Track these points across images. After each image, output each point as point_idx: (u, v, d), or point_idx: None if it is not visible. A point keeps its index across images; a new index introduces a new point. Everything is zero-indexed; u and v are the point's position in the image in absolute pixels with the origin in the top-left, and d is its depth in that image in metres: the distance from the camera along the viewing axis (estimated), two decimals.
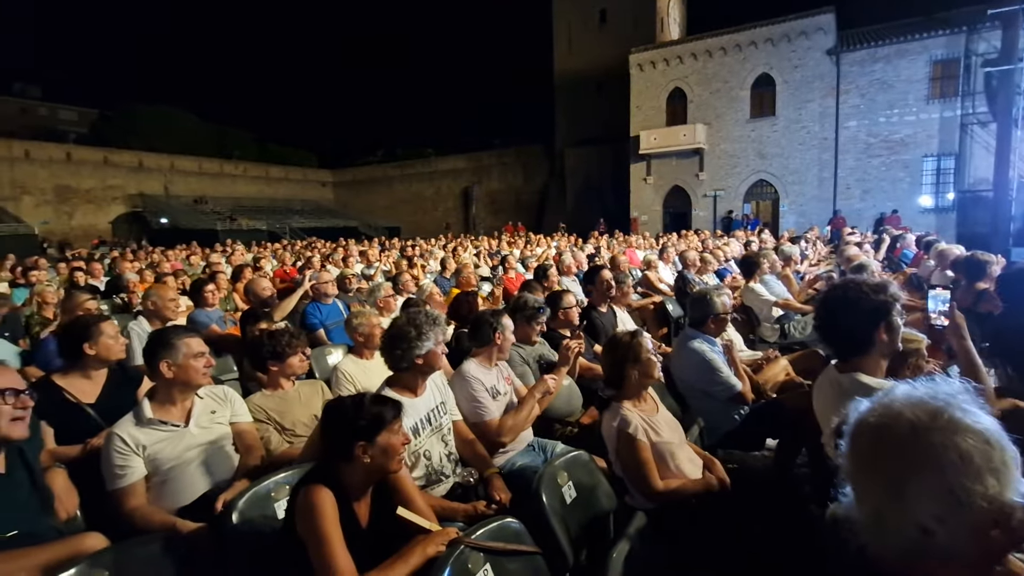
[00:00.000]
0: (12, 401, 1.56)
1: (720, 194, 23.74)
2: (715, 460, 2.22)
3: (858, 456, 0.78)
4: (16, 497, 1.60)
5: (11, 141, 28.13)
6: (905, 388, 0.80)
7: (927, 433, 0.72)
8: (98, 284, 6.96)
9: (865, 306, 1.64)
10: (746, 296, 5.19)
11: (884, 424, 0.76)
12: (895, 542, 0.74)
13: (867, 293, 1.65)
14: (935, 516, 0.70)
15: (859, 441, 0.78)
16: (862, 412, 0.80)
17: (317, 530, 1.44)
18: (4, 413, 1.54)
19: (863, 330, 1.66)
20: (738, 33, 22.70)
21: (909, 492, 0.71)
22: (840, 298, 1.71)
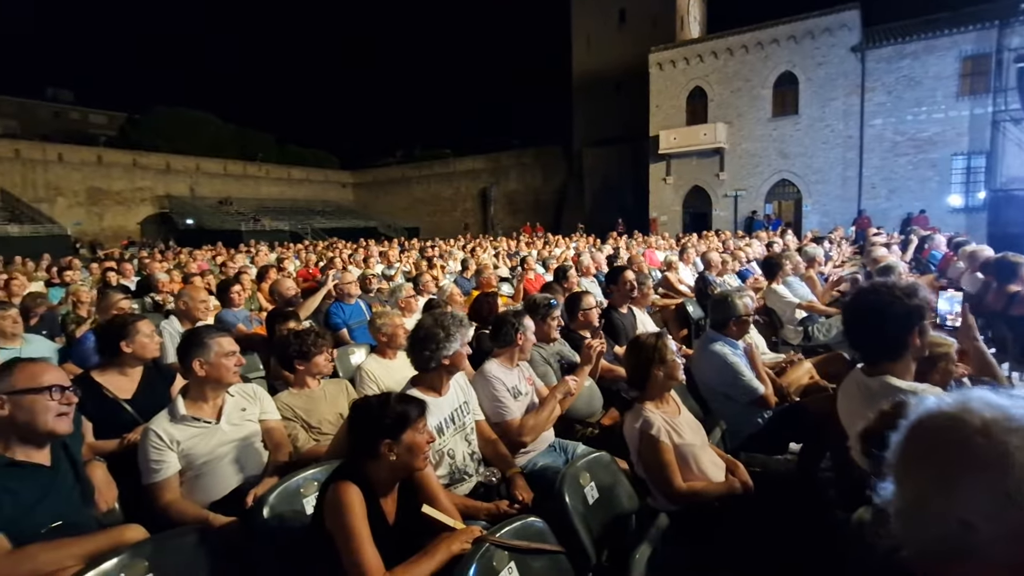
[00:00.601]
0: (58, 397, 1.64)
1: (741, 194, 23.43)
2: (738, 463, 2.21)
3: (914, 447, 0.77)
4: (61, 489, 1.67)
5: (45, 144, 29.21)
6: (983, 391, 0.79)
7: (1003, 433, 0.71)
8: (129, 284, 7.16)
9: (899, 310, 1.62)
10: (769, 298, 5.13)
11: (956, 418, 0.75)
12: (932, 534, 0.73)
13: (900, 297, 1.63)
14: (984, 514, 0.69)
15: (919, 433, 0.77)
16: (930, 405, 0.79)
17: (346, 526, 1.48)
18: (50, 409, 1.62)
19: (896, 334, 1.64)
20: (760, 31, 22.37)
21: (961, 486, 0.70)
22: (872, 302, 1.68)
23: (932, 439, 0.75)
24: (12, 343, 3.45)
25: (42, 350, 3.64)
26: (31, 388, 1.60)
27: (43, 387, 1.61)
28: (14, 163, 26.91)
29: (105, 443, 2.33)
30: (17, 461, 1.60)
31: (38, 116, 45.23)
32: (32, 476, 1.61)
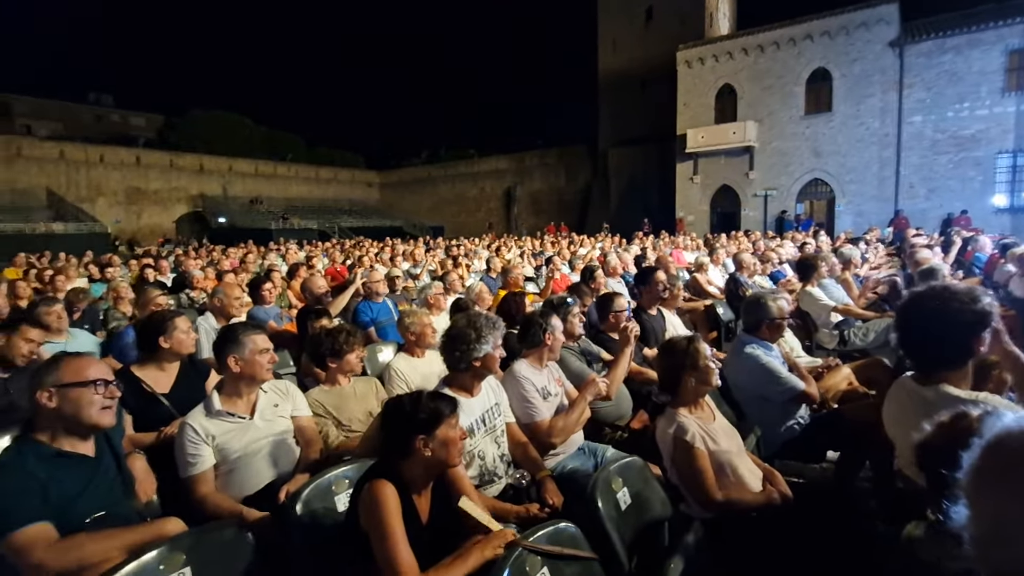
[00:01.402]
0: (102, 391, 1.68)
1: (772, 194, 22.89)
2: (776, 473, 2.14)
3: (995, 468, 0.71)
4: (104, 480, 1.72)
5: (88, 146, 30.40)
6: None
7: None
8: (165, 280, 7.38)
9: (965, 317, 1.53)
10: (803, 300, 4.98)
11: None
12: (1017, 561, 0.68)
13: (965, 302, 1.54)
14: None
15: (1000, 452, 0.71)
16: (1010, 423, 0.73)
17: (381, 524, 1.48)
18: (95, 402, 1.66)
19: (959, 342, 1.55)
20: (792, 26, 21.83)
21: None
22: (933, 307, 1.59)
23: (1016, 459, 0.69)
24: (58, 337, 3.58)
25: (85, 344, 3.77)
26: (77, 382, 1.65)
27: (88, 381, 1.66)
28: (59, 164, 28.09)
29: (144, 436, 2.39)
30: (64, 452, 1.64)
31: (81, 119, 47.02)
32: (77, 467, 1.66)
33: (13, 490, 1.49)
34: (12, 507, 1.46)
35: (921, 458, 1.15)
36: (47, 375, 1.65)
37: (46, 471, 1.56)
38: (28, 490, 1.50)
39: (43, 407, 1.63)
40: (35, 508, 1.49)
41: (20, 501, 1.48)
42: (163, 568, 1.47)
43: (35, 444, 1.62)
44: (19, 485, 1.50)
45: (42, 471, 1.55)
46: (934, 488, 1.10)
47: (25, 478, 1.52)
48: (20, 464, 1.55)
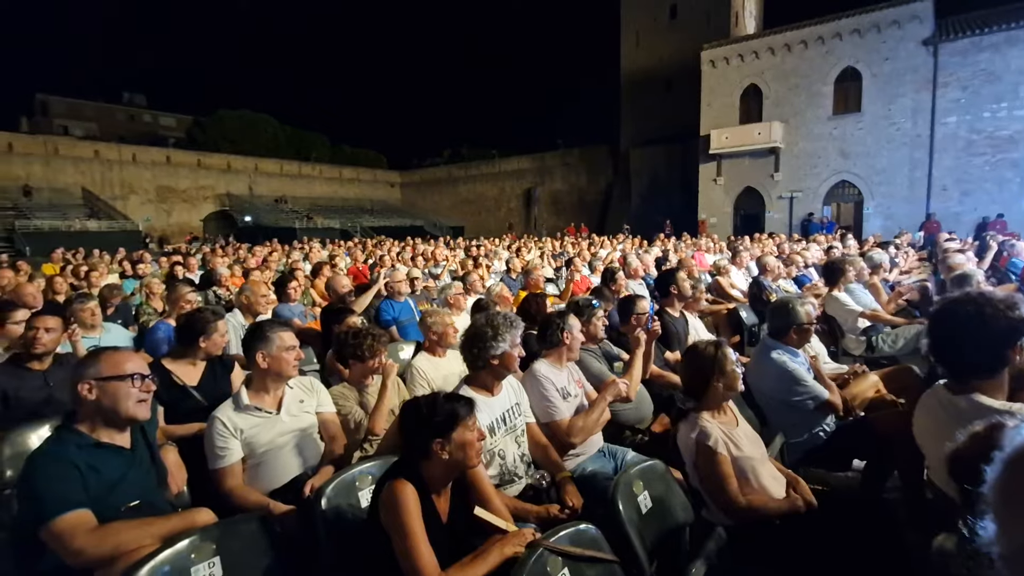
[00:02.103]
0: (139, 385, 1.74)
1: (797, 196, 22.47)
2: (799, 479, 2.11)
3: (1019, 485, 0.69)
4: (139, 471, 1.78)
5: (121, 146, 31.43)
6: None
7: None
8: (193, 277, 7.56)
9: (1000, 324, 1.49)
10: (829, 305, 4.88)
11: None
12: None
13: (1000, 309, 1.50)
14: None
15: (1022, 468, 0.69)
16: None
17: (401, 524, 1.50)
18: (132, 395, 1.72)
19: (994, 350, 1.51)
20: (821, 25, 21.38)
21: None
22: (968, 314, 1.55)
23: None
24: (93, 333, 3.71)
25: (119, 338, 3.90)
26: (115, 375, 1.71)
27: (126, 375, 1.72)
28: (93, 163, 29.03)
29: (176, 427, 2.47)
30: (102, 443, 1.70)
31: (115, 119, 48.57)
32: (114, 457, 1.72)
33: (55, 478, 1.55)
34: (54, 494, 1.53)
35: (953, 469, 1.12)
36: (88, 368, 1.71)
37: (86, 460, 1.62)
38: (69, 478, 1.56)
39: (83, 399, 1.69)
40: (76, 496, 1.55)
41: (62, 489, 1.54)
42: (194, 557, 1.52)
43: (75, 434, 1.68)
44: (61, 473, 1.56)
45: (82, 460, 1.62)
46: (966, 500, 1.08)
47: (67, 467, 1.58)
48: (62, 453, 1.61)
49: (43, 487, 1.54)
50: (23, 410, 2.66)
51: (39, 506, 1.52)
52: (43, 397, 2.72)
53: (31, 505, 1.55)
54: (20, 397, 2.68)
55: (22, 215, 22.86)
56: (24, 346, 2.77)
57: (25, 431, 2.34)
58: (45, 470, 1.56)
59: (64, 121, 44.23)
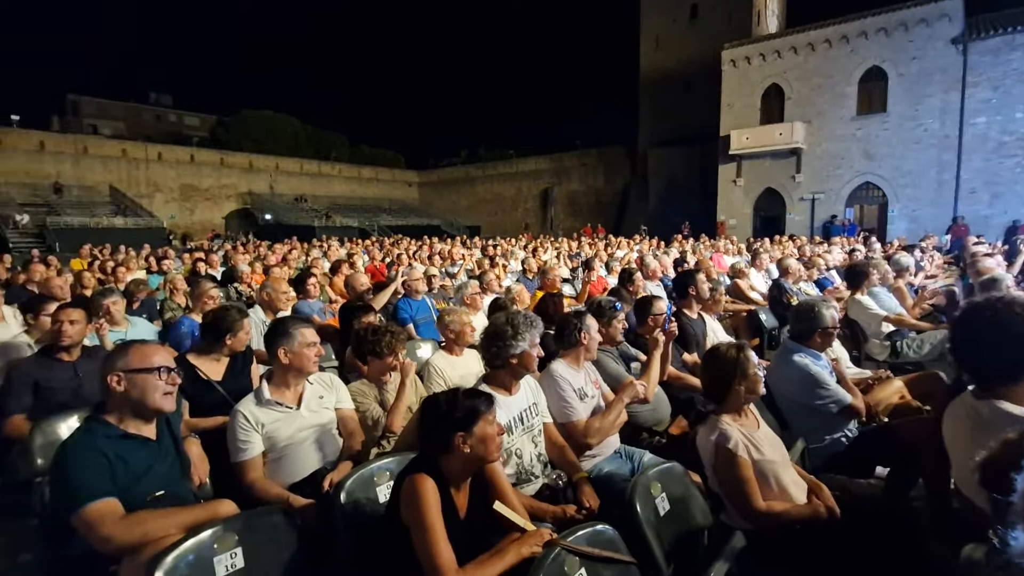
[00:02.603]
0: (165, 378, 1.78)
1: (819, 197, 22.09)
2: (822, 485, 2.07)
3: None
4: (164, 462, 1.82)
5: (147, 145, 32.21)
6: None
7: None
8: (215, 274, 7.71)
9: (1020, 328, 1.46)
10: (851, 309, 4.79)
11: None
12: None
13: (1019, 313, 1.46)
14: None
15: None
16: None
17: (421, 518, 1.51)
18: (159, 388, 1.76)
19: (1015, 355, 1.47)
20: (846, 23, 20.99)
21: None
22: (991, 318, 1.52)
23: None
24: (119, 327, 3.80)
25: (144, 332, 3.99)
26: (143, 368, 1.75)
27: (153, 368, 1.76)
28: (121, 162, 29.77)
29: (200, 420, 2.52)
30: (129, 434, 1.75)
31: (142, 119, 49.75)
32: (141, 448, 1.76)
33: (86, 467, 1.59)
34: (85, 483, 1.57)
35: (983, 478, 1.10)
36: (117, 360, 1.75)
37: (114, 450, 1.67)
38: (99, 467, 1.61)
39: (112, 390, 1.73)
40: (105, 484, 1.59)
41: (92, 478, 1.58)
42: (217, 547, 1.55)
43: (104, 425, 1.73)
44: (91, 462, 1.61)
45: (111, 450, 1.66)
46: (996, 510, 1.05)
47: (96, 456, 1.62)
48: (91, 443, 1.65)
49: (74, 476, 1.58)
50: (53, 400, 2.74)
51: (70, 494, 1.56)
52: (73, 387, 2.80)
53: (62, 493, 1.60)
54: (51, 387, 2.76)
55: (53, 212, 23.52)
56: (51, 338, 2.85)
57: (55, 421, 2.41)
58: (76, 459, 1.61)
59: (93, 120, 45.45)
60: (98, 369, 1.83)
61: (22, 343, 3.34)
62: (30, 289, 6.06)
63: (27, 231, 21.08)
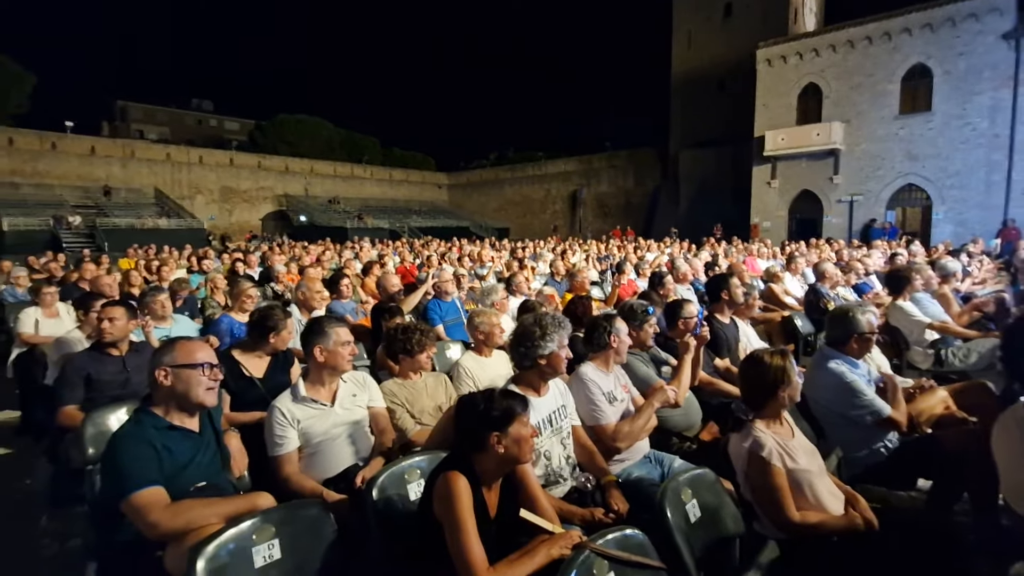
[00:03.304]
0: (208, 373, 1.85)
1: (858, 199, 21.38)
2: (859, 496, 2.01)
3: None
4: (206, 454, 1.89)
5: (190, 148, 33.55)
6: None
7: None
8: (253, 273, 7.96)
9: None
10: (892, 315, 4.62)
11: None
12: None
13: None
14: None
15: None
16: None
17: (454, 516, 1.53)
18: (202, 383, 1.84)
19: None
20: (888, 20, 20.27)
21: None
22: None
23: None
24: (164, 323, 3.96)
25: (186, 329, 4.14)
26: (188, 363, 1.83)
27: (197, 363, 1.83)
28: (165, 165, 31.04)
29: (239, 415, 2.61)
30: (174, 425, 1.83)
31: (185, 124, 51.82)
32: (185, 440, 1.84)
33: (135, 456, 1.68)
34: (134, 471, 1.65)
35: None
36: (164, 355, 1.84)
37: (161, 441, 1.75)
38: (147, 457, 1.69)
39: (159, 384, 1.82)
40: (152, 473, 1.67)
41: (141, 466, 1.66)
42: (255, 538, 1.60)
43: (151, 416, 1.81)
44: (140, 452, 1.69)
45: (158, 441, 1.74)
46: None
47: (145, 447, 1.70)
48: (140, 434, 1.74)
49: (124, 464, 1.66)
50: (103, 392, 2.88)
51: (120, 481, 1.64)
52: (121, 381, 2.94)
53: (113, 480, 1.68)
54: (101, 380, 2.90)
55: (102, 213, 24.66)
56: (97, 333, 3.00)
57: (105, 412, 2.53)
58: (126, 449, 1.69)
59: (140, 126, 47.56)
60: (146, 363, 1.92)
61: (76, 338, 3.52)
62: (82, 287, 6.37)
63: (79, 232, 22.14)
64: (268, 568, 1.59)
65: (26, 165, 26.84)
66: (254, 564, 1.57)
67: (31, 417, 4.30)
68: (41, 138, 27.64)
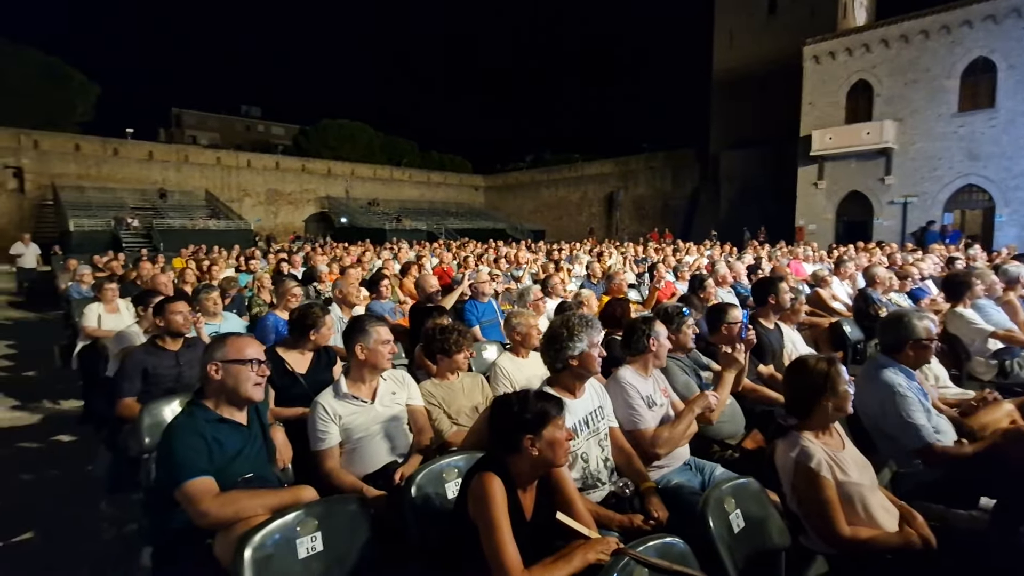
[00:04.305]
0: (256, 369, 1.92)
1: (912, 201, 20.37)
2: (915, 513, 1.91)
3: None
4: (253, 447, 1.96)
5: (238, 153, 35.05)
6: None
7: None
8: (296, 273, 8.20)
9: None
10: (951, 322, 4.38)
11: None
12: None
13: None
14: None
15: None
16: None
17: (489, 517, 1.53)
18: (251, 378, 1.91)
19: None
20: (947, 12, 19.27)
21: None
22: None
23: None
24: (214, 320, 4.13)
25: (235, 326, 4.31)
26: (238, 359, 1.90)
27: (247, 359, 1.91)
28: (215, 169, 32.47)
29: (283, 410, 2.69)
30: (224, 418, 1.90)
31: (234, 129, 54.09)
32: (234, 432, 1.91)
33: (188, 446, 1.75)
34: (187, 460, 1.72)
35: None
36: (216, 351, 1.92)
37: (212, 433, 1.82)
38: (199, 448, 1.76)
39: (211, 378, 1.90)
40: (203, 463, 1.74)
41: (193, 456, 1.74)
42: (299, 530, 1.65)
43: (203, 409, 1.89)
44: (193, 443, 1.76)
45: (209, 433, 1.81)
46: None
47: (197, 438, 1.78)
48: (193, 425, 1.81)
49: (178, 454, 1.74)
50: (158, 385, 3.03)
51: (174, 470, 1.72)
52: (174, 374, 3.09)
53: (167, 469, 1.76)
54: (157, 373, 3.06)
55: (158, 215, 25.95)
56: (166, 327, 3.16)
57: (160, 404, 2.65)
58: (180, 439, 1.77)
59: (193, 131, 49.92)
60: (197, 358, 2.00)
61: (134, 332, 3.71)
62: (139, 284, 6.72)
63: (137, 232, 23.35)
64: (310, 560, 1.63)
65: (91, 170, 28.55)
66: (297, 555, 1.61)
67: (93, 407, 4.57)
68: (104, 144, 29.37)
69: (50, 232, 22.92)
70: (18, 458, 4.07)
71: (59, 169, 27.52)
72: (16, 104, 29.09)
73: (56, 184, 26.60)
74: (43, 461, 4.03)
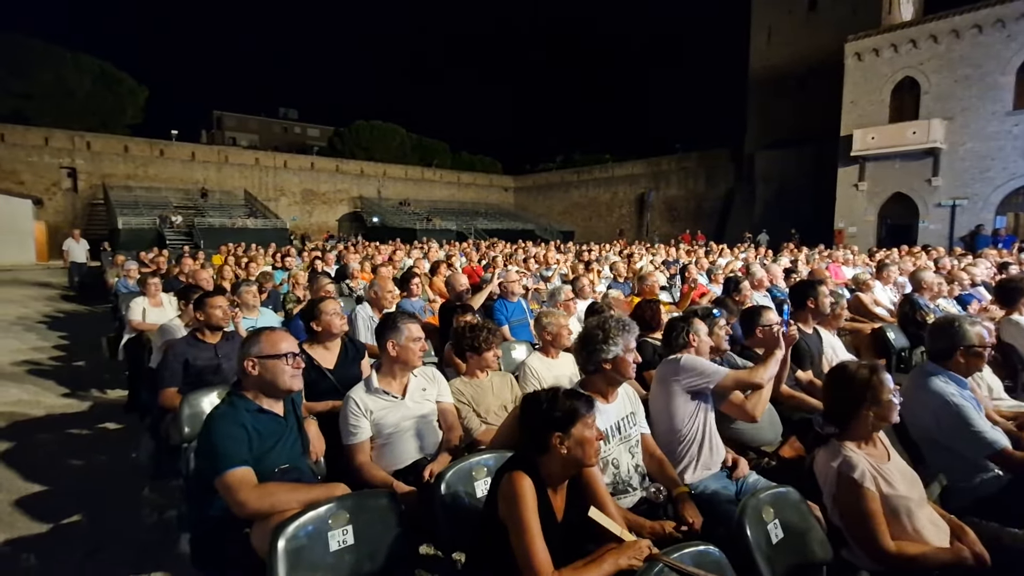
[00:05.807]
0: (292, 362, 1.96)
1: (962, 204, 19.44)
2: (967, 528, 1.81)
3: None
4: (289, 438, 2.00)
5: (276, 154, 36.15)
6: None
7: None
8: (330, 271, 8.37)
9: None
10: (1006, 331, 4.15)
11: None
12: None
13: None
14: None
15: None
16: None
17: (518, 517, 1.52)
18: (286, 371, 1.94)
19: None
20: (1001, 5, 18.34)
21: None
22: None
23: None
24: (252, 314, 4.25)
25: (271, 321, 4.42)
26: (273, 354, 1.94)
27: (282, 353, 1.94)
28: (254, 169, 33.50)
29: (315, 404, 2.74)
30: (263, 409, 1.94)
31: (272, 131, 55.74)
32: (272, 423, 1.95)
33: (228, 436, 1.79)
34: (228, 450, 1.77)
35: None
36: (252, 346, 1.96)
37: (251, 423, 1.86)
38: (239, 437, 1.80)
39: (248, 373, 1.94)
40: (243, 453, 1.78)
41: (233, 446, 1.78)
42: (331, 523, 1.67)
43: (244, 399, 1.94)
44: (233, 433, 1.80)
45: (249, 423, 1.86)
46: None
47: (237, 428, 1.82)
48: (234, 415, 1.86)
49: (218, 443, 1.78)
50: (198, 376, 3.13)
51: (215, 459, 1.76)
52: (213, 366, 3.18)
53: (208, 458, 1.81)
54: (197, 365, 3.16)
55: (199, 213, 26.92)
56: (205, 321, 3.26)
57: (200, 395, 2.74)
58: (221, 429, 1.81)
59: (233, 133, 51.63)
60: (235, 351, 2.05)
61: (177, 325, 3.85)
62: (182, 280, 6.97)
63: (180, 230, 24.30)
64: (342, 552, 1.65)
65: (138, 170, 29.87)
66: (329, 548, 1.64)
67: (137, 397, 4.75)
68: (151, 145, 30.69)
69: (100, 229, 24.10)
70: (68, 444, 4.27)
71: (109, 169, 28.88)
72: (72, 107, 30.65)
73: (106, 183, 27.93)
74: (91, 447, 4.21)
